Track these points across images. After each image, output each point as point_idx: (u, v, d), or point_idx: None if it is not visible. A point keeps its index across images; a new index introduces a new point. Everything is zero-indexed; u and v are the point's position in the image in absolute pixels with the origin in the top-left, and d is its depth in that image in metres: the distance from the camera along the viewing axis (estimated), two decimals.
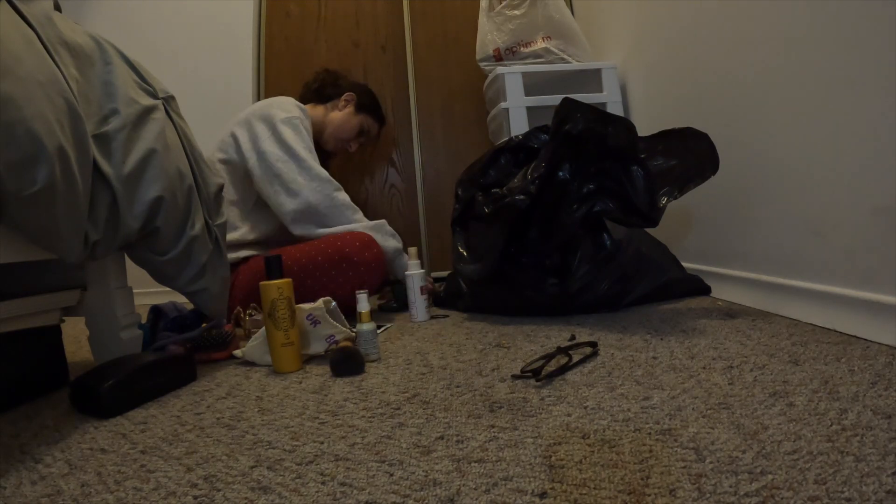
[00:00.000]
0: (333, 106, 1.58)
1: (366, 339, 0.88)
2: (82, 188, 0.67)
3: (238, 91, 2.06)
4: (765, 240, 1.02)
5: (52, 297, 0.81)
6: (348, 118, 1.57)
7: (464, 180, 1.27)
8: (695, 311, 1.06)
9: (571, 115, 1.04)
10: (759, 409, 0.54)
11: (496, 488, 0.44)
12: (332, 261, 1.25)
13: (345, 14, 2.12)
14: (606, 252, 1.13)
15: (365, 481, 0.47)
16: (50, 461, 0.57)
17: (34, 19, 0.68)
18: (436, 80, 2.11)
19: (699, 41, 1.19)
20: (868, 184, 0.76)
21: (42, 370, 0.88)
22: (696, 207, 1.28)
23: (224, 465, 0.53)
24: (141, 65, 0.89)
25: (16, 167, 0.58)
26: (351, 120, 1.57)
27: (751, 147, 1.03)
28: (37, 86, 0.62)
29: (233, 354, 0.99)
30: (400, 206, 2.11)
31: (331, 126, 1.57)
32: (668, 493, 0.40)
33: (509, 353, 0.87)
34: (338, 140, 1.59)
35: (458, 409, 0.63)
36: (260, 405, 0.71)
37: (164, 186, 0.81)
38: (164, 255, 0.85)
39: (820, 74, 0.83)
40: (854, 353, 0.69)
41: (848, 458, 0.42)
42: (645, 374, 0.69)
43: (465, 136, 2.10)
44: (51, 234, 0.65)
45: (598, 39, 1.84)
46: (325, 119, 1.57)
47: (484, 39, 1.73)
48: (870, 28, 0.72)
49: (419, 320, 1.23)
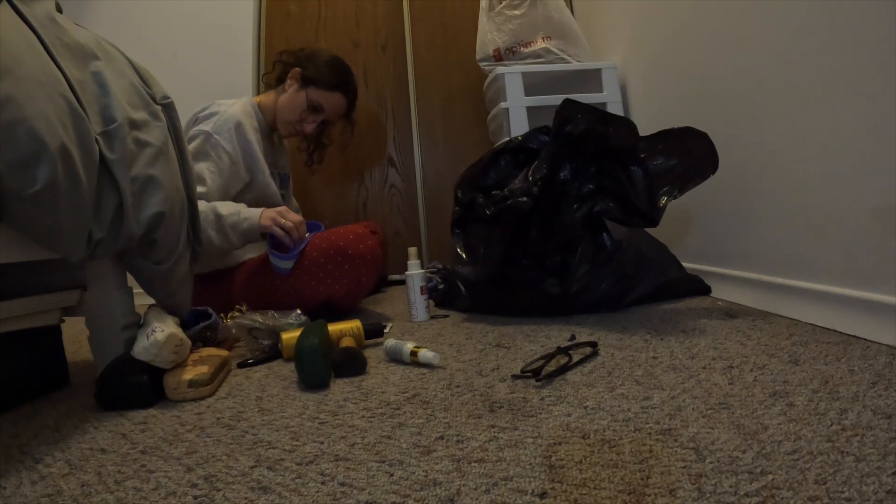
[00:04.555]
0: (282, 89, 1.42)
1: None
2: (87, 186, 0.67)
3: (238, 91, 2.06)
4: (765, 240, 1.02)
5: (52, 297, 0.81)
6: (292, 97, 1.40)
7: (463, 182, 1.27)
8: (695, 311, 1.06)
9: (573, 115, 1.04)
10: (759, 409, 0.54)
11: (496, 488, 0.44)
12: (327, 256, 1.24)
13: (345, 14, 2.12)
14: (606, 252, 1.13)
15: (365, 481, 0.47)
16: (50, 461, 0.57)
17: (35, 20, 0.68)
18: (436, 80, 2.11)
19: (699, 41, 1.19)
20: (868, 184, 0.76)
21: (42, 370, 0.88)
22: (696, 207, 1.28)
23: (224, 465, 0.53)
24: (143, 67, 0.89)
25: (17, 166, 0.58)
26: (294, 98, 1.39)
27: (751, 147, 1.03)
28: (38, 85, 0.62)
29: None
30: (400, 206, 2.11)
31: (278, 111, 1.42)
32: (668, 493, 0.40)
33: (509, 353, 0.87)
34: (285, 123, 1.42)
35: (458, 409, 0.63)
36: (260, 405, 0.71)
37: (166, 200, 0.81)
38: (159, 265, 0.86)
39: (820, 74, 0.83)
40: (854, 353, 0.69)
41: (848, 458, 0.42)
42: (645, 374, 0.69)
43: (465, 136, 2.11)
44: (53, 233, 0.65)
45: (598, 39, 1.84)
46: (277, 105, 1.42)
47: (484, 39, 1.73)
48: (870, 28, 0.72)
49: (419, 320, 1.23)
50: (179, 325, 0.88)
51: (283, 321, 1.03)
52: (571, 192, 1.09)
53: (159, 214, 0.80)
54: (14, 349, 0.81)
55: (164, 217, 0.81)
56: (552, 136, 1.09)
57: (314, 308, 1.23)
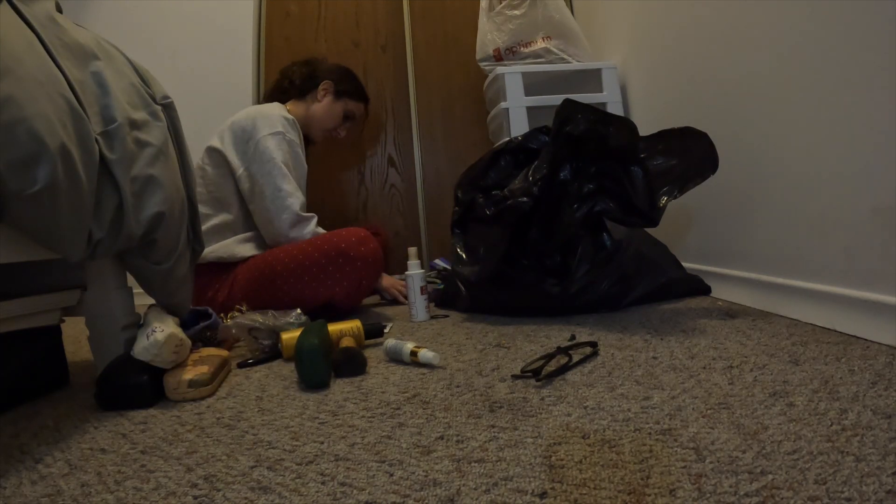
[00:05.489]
0: (313, 99, 1.58)
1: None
2: (87, 186, 0.67)
3: (238, 91, 2.06)
4: (765, 240, 1.02)
5: (52, 297, 0.81)
6: (330, 107, 1.57)
7: (463, 182, 1.27)
8: (695, 311, 1.06)
9: (572, 116, 1.04)
10: (759, 409, 0.54)
11: (496, 488, 0.44)
12: (328, 257, 1.25)
13: (345, 14, 2.12)
14: (606, 252, 1.13)
15: (365, 481, 0.47)
16: (50, 461, 0.57)
17: (35, 20, 0.68)
18: (436, 80, 2.11)
19: (699, 41, 1.19)
20: (868, 184, 0.76)
21: (42, 370, 0.88)
22: (696, 207, 1.28)
23: (224, 465, 0.53)
24: (143, 67, 0.89)
25: (17, 166, 0.58)
26: (333, 108, 1.58)
27: (751, 147, 1.03)
28: (37, 85, 0.62)
29: None
30: (400, 206, 2.11)
31: (314, 119, 1.57)
32: (668, 493, 0.40)
33: (509, 353, 0.87)
34: (324, 131, 1.60)
35: (458, 409, 0.63)
36: (260, 405, 0.71)
37: (166, 200, 0.81)
38: (158, 265, 0.86)
39: (820, 74, 0.83)
40: (854, 353, 0.69)
41: (848, 458, 0.42)
42: (645, 374, 0.69)
43: (465, 136, 2.11)
44: (53, 233, 0.65)
45: (598, 39, 1.84)
46: (308, 114, 1.57)
47: (484, 39, 1.73)
48: (870, 28, 0.72)
49: (419, 320, 1.23)
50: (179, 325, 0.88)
51: (283, 321, 1.03)
52: (572, 191, 1.09)
53: (159, 214, 0.81)
54: (14, 349, 0.81)
55: (164, 217, 0.81)
56: (552, 136, 1.09)
57: (314, 308, 1.23)
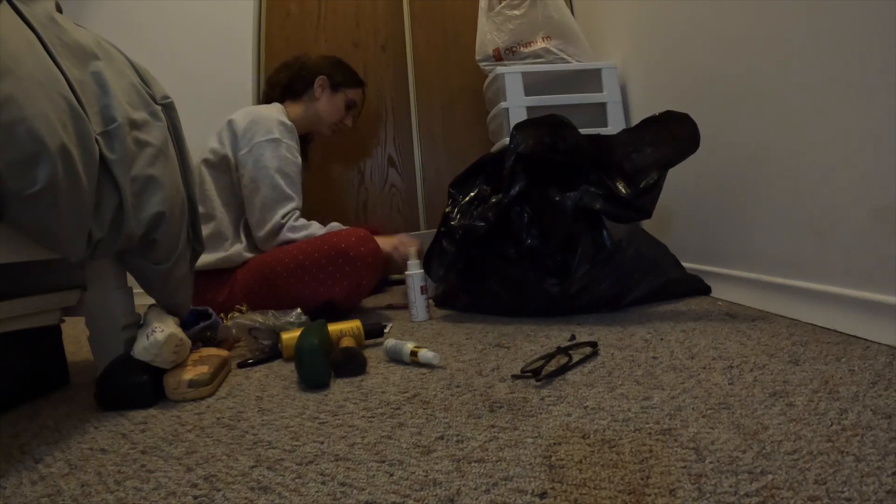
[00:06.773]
0: (310, 97, 1.57)
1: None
2: (87, 186, 0.67)
3: (238, 91, 2.06)
4: (764, 240, 1.02)
5: (52, 297, 0.81)
6: (330, 101, 1.59)
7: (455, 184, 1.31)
8: (695, 311, 1.06)
9: (520, 137, 1.12)
10: (759, 409, 0.54)
11: (496, 488, 0.44)
12: (328, 257, 1.25)
13: (345, 14, 2.12)
14: (606, 252, 1.13)
15: (365, 481, 0.47)
16: (50, 461, 0.57)
17: (35, 20, 0.68)
18: (436, 80, 2.11)
19: (699, 41, 1.19)
20: (868, 184, 0.76)
21: (42, 370, 0.88)
22: (697, 208, 1.28)
23: (224, 465, 0.53)
24: (143, 67, 0.89)
25: (17, 166, 0.58)
26: (334, 102, 1.59)
27: (751, 147, 1.03)
28: (37, 85, 0.62)
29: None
30: (400, 206, 2.11)
31: (319, 117, 1.59)
32: (668, 493, 0.40)
33: (509, 353, 0.87)
34: (330, 125, 1.62)
35: (458, 409, 0.63)
36: (260, 405, 0.71)
37: (166, 200, 0.81)
38: (158, 265, 0.86)
39: (820, 74, 0.83)
40: (854, 353, 0.69)
41: (848, 458, 0.42)
42: (645, 374, 0.69)
43: (465, 136, 2.11)
44: (53, 233, 0.65)
45: (598, 39, 1.84)
46: (310, 113, 1.57)
47: (484, 39, 1.73)
48: (870, 28, 0.72)
49: (419, 320, 1.23)
50: (179, 325, 0.88)
51: (283, 321, 1.03)
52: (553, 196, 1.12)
53: (159, 214, 0.81)
54: (14, 349, 0.81)
55: (164, 217, 0.81)
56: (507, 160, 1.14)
57: (314, 308, 1.23)
